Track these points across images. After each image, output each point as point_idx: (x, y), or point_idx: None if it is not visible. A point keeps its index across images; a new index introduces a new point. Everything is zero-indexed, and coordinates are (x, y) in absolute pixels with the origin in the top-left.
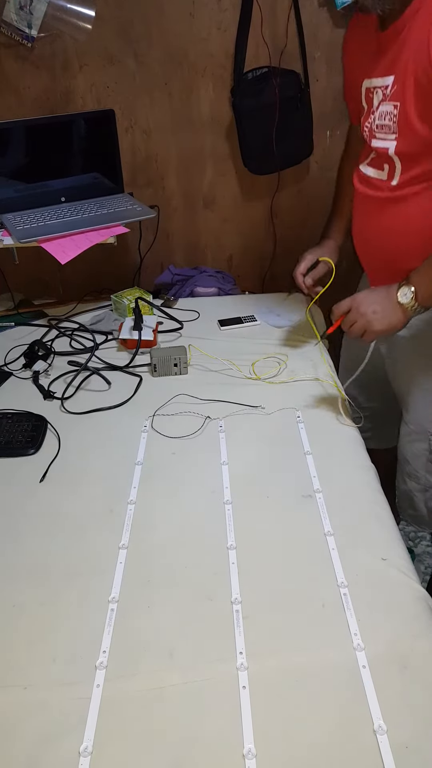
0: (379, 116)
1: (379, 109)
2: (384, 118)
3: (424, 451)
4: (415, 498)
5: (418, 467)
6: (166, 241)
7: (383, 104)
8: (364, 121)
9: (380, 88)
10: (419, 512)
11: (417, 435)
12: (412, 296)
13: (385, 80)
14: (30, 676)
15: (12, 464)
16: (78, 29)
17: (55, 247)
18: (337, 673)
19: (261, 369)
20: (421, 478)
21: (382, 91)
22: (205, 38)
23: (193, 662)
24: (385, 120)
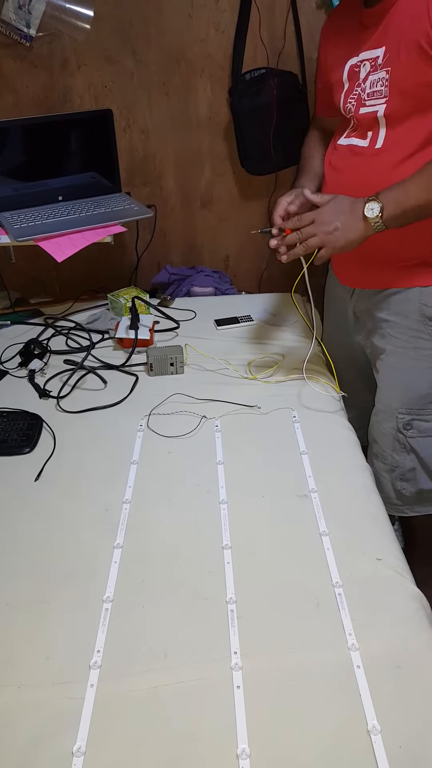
0: (370, 85)
1: (369, 79)
2: (375, 85)
3: (392, 429)
4: (382, 479)
5: (385, 446)
6: (163, 241)
7: (372, 74)
8: (346, 97)
9: (368, 61)
10: (387, 494)
11: (385, 414)
12: (379, 212)
13: (374, 52)
14: (24, 675)
15: (7, 463)
16: (76, 29)
17: (52, 245)
18: (332, 673)
19: (257, 368)
20: (387, 458)
21: (371, 63)
22: (203, 39)
23: (187, 662)
24: (377, 86)
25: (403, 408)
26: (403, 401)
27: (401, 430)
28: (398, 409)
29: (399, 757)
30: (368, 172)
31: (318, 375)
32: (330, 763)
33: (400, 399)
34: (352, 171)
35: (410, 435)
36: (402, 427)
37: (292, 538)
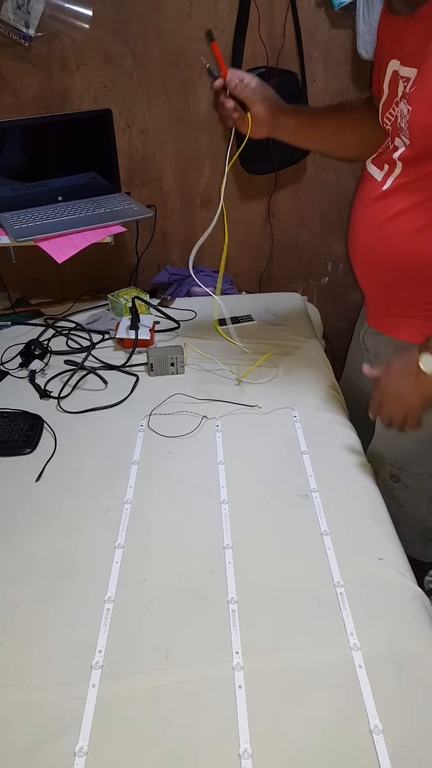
0: (400, 114)
1: (400, 105)
2: (402, 118)
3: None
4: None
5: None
6: (163, 241)
7: (402, 102)
8: (384, 110)
9: (402, 79)
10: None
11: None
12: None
13: (409, 71)
14: (25, 675)
15: (8, 463)
16: (75, 29)
17: (52, 246)
18: (333, 672)
19: (258, 369)
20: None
21: (404, 83)
22: (202, 38)
23: (188, 662)
24: (402, 122)
25: (391, 460)
26: (391, 454)
27: (388, 480)
28: (387, 460)
29: (401, 756)
30: (372, 213)
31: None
32: (332, 763)
33: (389, 450)
34: (361, 207)
35: (397, 487)
36: (389, 478)
37: (293, 538)
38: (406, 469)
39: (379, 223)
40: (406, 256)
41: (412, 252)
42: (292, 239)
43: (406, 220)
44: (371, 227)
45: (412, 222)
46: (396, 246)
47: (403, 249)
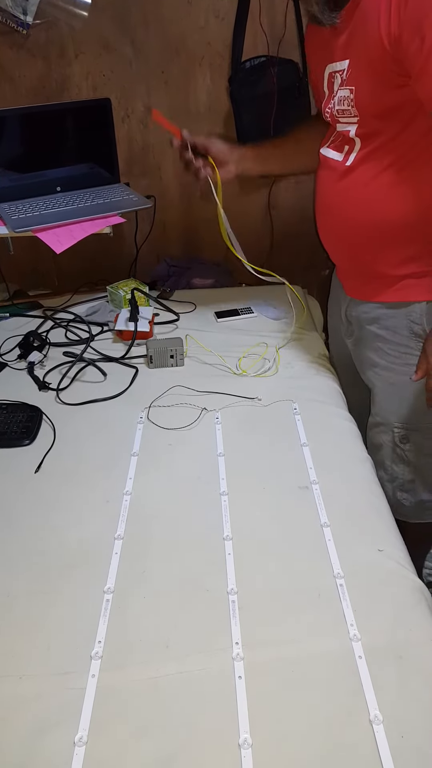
0: (338, 101)
1: (338, 94)
2: (342, 102)
3: (389, 442)
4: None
5: (385, 457)
6: (162, 232)
7: (341, 89)
8: (325, 106)
9: (338, 73)
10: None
11: (382, 427)
12: None
13: (342, 64)
14: (25, 665)
15: (7, 455)
16: (74, 16)
17: (50, 236)
18: (333, 663)
19: (257, 360)
20: (387, 468)
21: (340, 75)
22: (202, 26)
23: (188, 652)
24: (344, 105)
25: (399, 422)
26: (399, 416)
27: (398, 444)
28: (394, 423)
29: (401, 747)
30: (338, 190)
31: (318, 366)
32: (332, 754)
33: (396, 413)
34: (326, 187)
35: (407, 449)
36: (399, 441)
37: (293, 530)
38: (417, 426)
39: (352, 195)
40: (387, 216)
41: (391, 210)
42: (293, 231)
43: (380, 183)
44: (344, 201)
45: (386, 182)
46: (375, 208)
47: (383, 209)
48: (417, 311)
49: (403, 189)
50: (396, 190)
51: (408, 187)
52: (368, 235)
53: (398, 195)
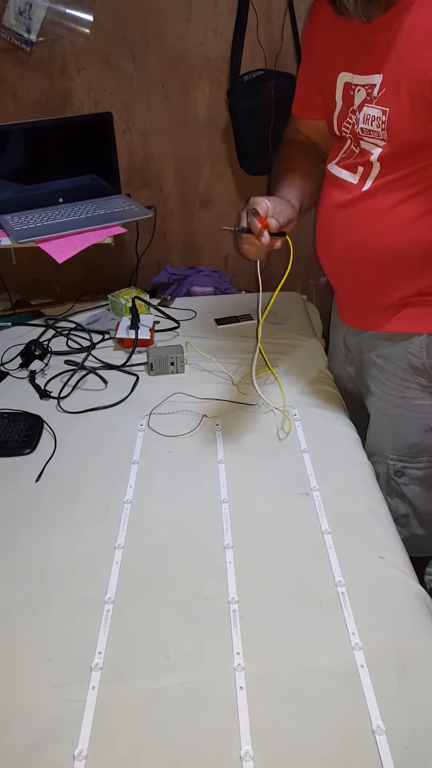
0: (364, 119)
1: (364, 110)
2: (370, 122)
3: (384, 474)
4: None
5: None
6: (163, 241)
7: (368, 106)
8: (340, 120)
9: (363, 87)
10: None
11: (378, 457)
12: None
13: (369, 79)
14: (25, 677)
15: (8, 464)
16: (76, 33)
17: (53, 246)
18: (335, 672)
19: (258, 367)
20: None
21: (366, 90)
22: (201, 42)
23: (189, 663)
24: (372, 125)
25: (394, 455)
26: (393, 448)
27: (392, 476)
28: (389, 455)
29: (404, 757)
30: (350, 215)
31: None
32: (334, 764)
33: (390, 445)
34: (335, 209)
35: (402, 482)
36: (393, 474)
37: (294, 537)
38: (412, 460)
39: (367, 222)
40: (403, 249)
41: (409, 243)
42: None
43: (400, 213)
44: (356, 227)
45: (410, 212)
46: (391, 239)
47: (400, 241)
48: (416, 344)
49: (426, 222)
50: (418, 223)
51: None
52: (378, 266)
53: (419, 227)
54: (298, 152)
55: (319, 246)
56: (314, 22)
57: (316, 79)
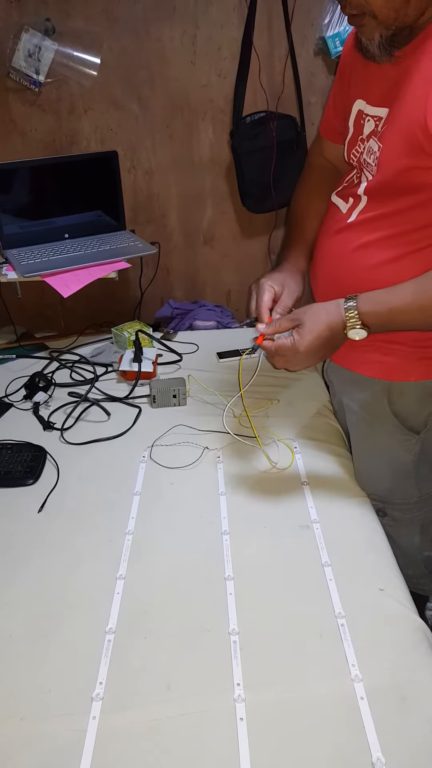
0: (367, 151)
1: (368, 143)
2: (369, 155)
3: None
4: None
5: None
6: (166, 277)
7: (373, 139)
8: (350, 147)
9: (372, 118)
10: None
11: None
12: (365, 335)
13: (378, 111)
14: (25, 707)
15: (11, 494)
16: (84, 75)
17: (58, 281)
18: (335, 704)
19: (259, 400)
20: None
21: (375, 121)
22: (205, 84)
23: (190, 694)
24: (370, 158)
25: (374, 496)
26: (373, 489)
27: (378, 515)
28: (371, 494)
29: None
30: (335, 244)
31: (319, 406)
32: None
33: (371, 486)
34: (327, 237)
35: (385, 522)
36: (377, 513)
37: (294, 569)
38: (391, 501)
39: (343, 254)
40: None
41: (376, 284)
42: None
43: (371, 252)
44: (335, 257)
45: (378, 254)
46: (359, 277)
47: (367, 280)
48: (379, 390)
49: (393, 267)
50: (386, 267)
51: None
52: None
53: (386, 271)
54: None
55: (310, 271)
56: (349, 46)
57: (342, 101)
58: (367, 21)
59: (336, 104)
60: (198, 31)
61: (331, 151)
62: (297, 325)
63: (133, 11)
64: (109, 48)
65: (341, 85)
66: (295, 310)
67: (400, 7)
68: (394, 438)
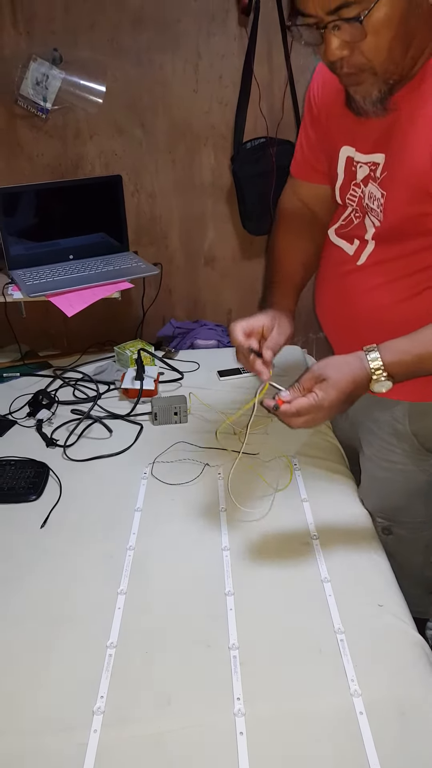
0: (369, 196)
1: (369, 187)
2: (372, 200)
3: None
4: None
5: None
6: (168, 297)
7: (372, 184)
8: (343, 192)
9: (366, 164)
10: None
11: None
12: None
13: (371, 157)
14: (27, 720)
15: (14, 510)
16: (89, 102)
17: (63, 300)
18: (335, 718)
19: (258, 418)
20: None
21: (370, 167)
22: (207, 111)
23: (190, 708)
24: (374, 204)
25: (382, 514)
26: (380, 508)
27: (380, 533)
28: (377, 513)
29: None
30: (348, 285)
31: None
32: None
33: (377, 505)
34: (336, 279)
35: (389, 541)
36: (381, 531)
37: (293, 585)
38: (398, 520)
39: (356, 295)
40: (395, 323)
41: (394, 321)
42: None
43: (385, 293)
44: (348, 298)
45: (392, 295)
46: (376, 316)
47: (385, 320)
48: (400, 411)
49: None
50: (407, 301)
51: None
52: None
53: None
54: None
55: (318, 309)
56: (320, 87)
57: (321, 143)
58: (365, 78)
59: (312, 145)
60: (200, 60)
61: (307, 192)
62: (321, 381)
63: (138, 41)
64: (114, 76)
65: (318, 130)
66: (313, 366)
67: (400, 59)
68: (411, 458)
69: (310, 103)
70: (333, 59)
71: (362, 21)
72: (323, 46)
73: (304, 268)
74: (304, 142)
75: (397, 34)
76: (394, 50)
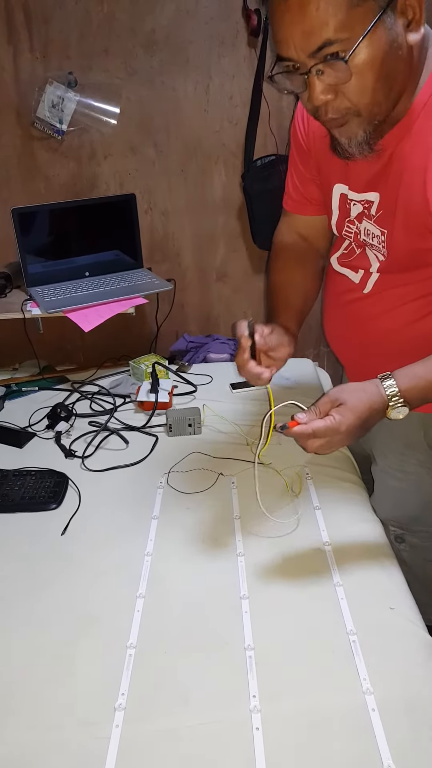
0: (365, 232)
1: (364, 224)
2: (371, 237)
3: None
4: None
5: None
6: (181, 311)
7: (366, 221)
8: (340, 226)
9: (359, 202)
10: None
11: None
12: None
13: (365, 195)
14: (53, 716)
15: (35, 518)
16: (104, 124)
17: (80, 316)
18: (348, 715)
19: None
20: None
21: (363, 206)
22: (217, 131)
23: (208, 704)
24: (373, 240)
25: (395, 522)
26: (394, 517)
27: (394, 541)
28: (391, 521)
29: None
30: (356, 311)
31: None
32: None
33: (391, 514)
34: (343, 306)
35: (402, 548)
36: (394, 539)
37: (306, 589)
38: (411, 528)
39: (366, 320)
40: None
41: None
42: None
43: (394, 318)
44: (358, 324)
45: (401, 318)
46: (388, 339)
47: (396, 341)
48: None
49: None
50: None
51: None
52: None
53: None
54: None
55: (327, 334)
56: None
57: (314, 178)
58: (349, 120)
59: (304, 180)
60: (211, 81)
61: (304, 224)
62: (338, 405)
63: (150, 64)
64: (128, 98)
65: (308, 165)
66: (329, 391)
67: (384, 100)
68: (425, 468)
69: (297, 138)
70: (318, 104)
71: (347, 61)
72: (307, 92)
73: (305, 300)
74: (296, 176)
75: (380, 75)
76: (378, 92)
